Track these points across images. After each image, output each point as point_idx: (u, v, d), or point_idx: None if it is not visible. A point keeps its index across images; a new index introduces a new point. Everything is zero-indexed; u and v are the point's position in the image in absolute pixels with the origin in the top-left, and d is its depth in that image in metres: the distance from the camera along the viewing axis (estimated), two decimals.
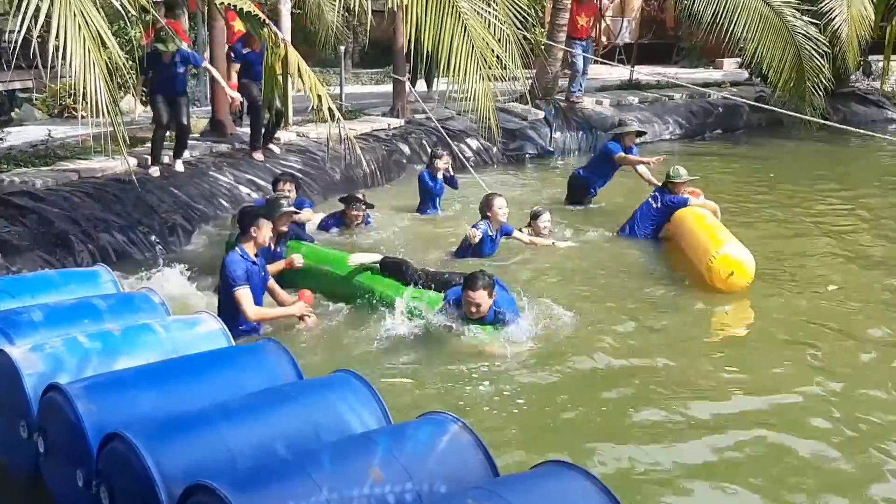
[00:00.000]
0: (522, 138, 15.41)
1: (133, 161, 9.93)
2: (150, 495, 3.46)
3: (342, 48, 15.50)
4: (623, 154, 10.90)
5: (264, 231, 6.70)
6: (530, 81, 15.18)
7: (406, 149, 13.76)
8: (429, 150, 12.48)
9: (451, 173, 10.93)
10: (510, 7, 9.23)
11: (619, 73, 20.16)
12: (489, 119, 8.76)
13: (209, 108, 13.11)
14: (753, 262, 7.97)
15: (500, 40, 8.80)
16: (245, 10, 8.49)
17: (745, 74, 20.13)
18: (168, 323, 4.96)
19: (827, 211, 11.35)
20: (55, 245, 8.20)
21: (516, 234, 8.99)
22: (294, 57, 8.10)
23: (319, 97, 7.87)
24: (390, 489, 3.41)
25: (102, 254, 8.45)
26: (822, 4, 15.28)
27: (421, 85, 16.73)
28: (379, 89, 18.53)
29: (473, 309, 6.43)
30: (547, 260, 8.84)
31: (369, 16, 11.54)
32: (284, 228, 7.76)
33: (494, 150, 14.72)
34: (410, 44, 12.80)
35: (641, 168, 11.08)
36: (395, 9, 8.58)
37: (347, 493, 3.33)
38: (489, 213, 8.77)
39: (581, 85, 16.85)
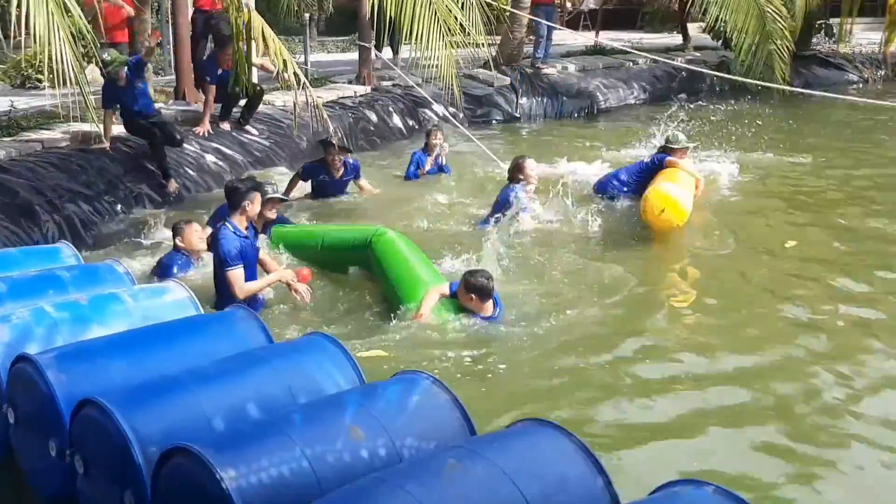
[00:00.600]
0: (489, 104, 15.44)
1: (87, 128, 9.78)
2: (126, 460, 3.48)
3: (306, 16, 15.42)
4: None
5: (256, 204, 6.59)
6: (495, 48, 15.23)
7: (373, 116, 13.73)
8: (394, 118, 12.47)
9: (444, 160, 10.82)
10: None
11: (583, 38, 20.18)
12: (453, 86, 8.81)
13: (173, 76, 13.01)
14: (687, 202, 8.15)
15: (462, 6, 8.83)
16: None
17: (709, 39, 20.22)
18: (135, 292, 4.96)
19: (789, 172, 11.51)
20: (20, 215, 8.16)
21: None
22: (258, 21, 8.09)
23: (285, 62, 7.88)
24: (368, 447, 3.45)
25: (69, 223, 8.43)
26: None
27: (387, 52, 16.69)
28: (345, 57, 18.44)
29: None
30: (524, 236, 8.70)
31: None
32: (272, 216, 7.63)
33: (461, 116, 14.75)
34: (374, 11, 12.79)
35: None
36: None
37: (324, 450, 3.38)
38: (522, 176, 8.71)
39: (546, 51, 16.88)
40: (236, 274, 6.32)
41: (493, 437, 3.58)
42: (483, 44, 9.81)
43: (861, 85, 19.82)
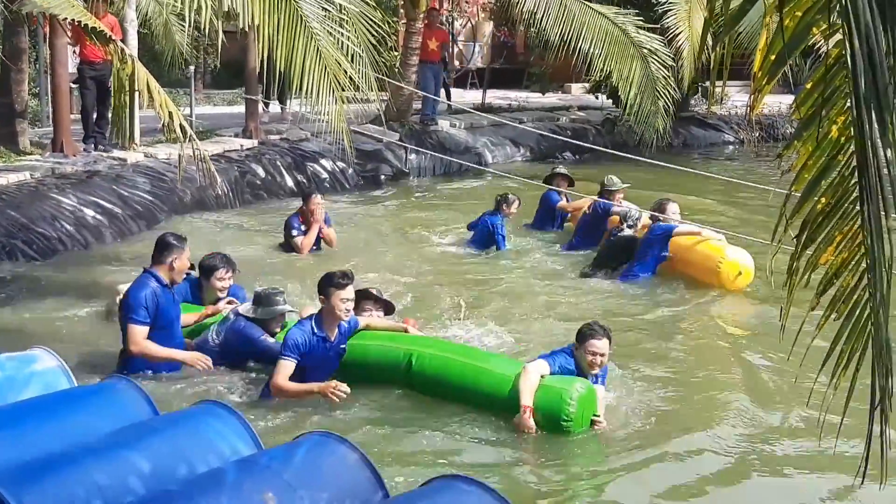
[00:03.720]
0: (378, 160, 15.44)
1: None
2: None
3: (192, 68, 15.20)
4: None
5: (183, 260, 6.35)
6: (385, 103, 15.28)
7: (260, 170, 13.56)
8: (282, 172, 12.31)
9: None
10: (362, 29, 9.25)
11: (472, 96, 20.47)
12: (343, 140, 8.75)
13: (51, 128, 12.61)
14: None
15: (353, 60, 8.81)
16: (90, 26, 8.21)
17: (593, 98, 20.77)
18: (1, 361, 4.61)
19: None
20: None
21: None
22: (143, 73, 7.88)
23: (170, 114, 7.67)
24: None
25: None
26: (667, 21, 15.80)
27: (275, 106, 16.55)
28: (231, 110, 18.23)
29: (600, 360, 5.78)
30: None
31: (220, 36, 11.32)
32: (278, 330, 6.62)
33: (350, 171, 14.70)
34: (263, 64, 12.67)
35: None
36: (247, 28, 8.43)
37: None
38: (505, 210, 10.25)
39: (434, 107, 17.04)
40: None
41: (415, 494, 3.53)
42: (373, 99, 9.80)
43: (737, 145, 20.60)
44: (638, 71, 13.61)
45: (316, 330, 5.92)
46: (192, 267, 6.74)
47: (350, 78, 8.68)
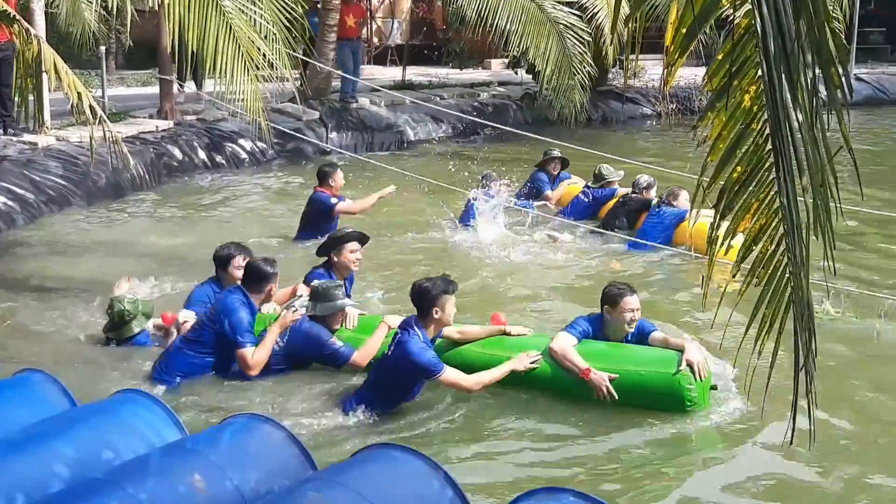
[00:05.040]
0: (298, 139, 15.24)
1: None
2: None
3: (103, 48, 14.78)
4: None
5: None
6: (302, 82, 15.10)
7: (177, 152, 13.29)
8: (199, 153, 12.12)
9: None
10: (277, 6, 9.09)
11: (391, 73, 20.34)
12: (260, 120, 8.62)
13: None
14: None
15: (266, 38, 8.66)
16: None
17: (513, 74, 20.81)
18: None
19: None
20: None
21: None
22: (49, 53, 7.63)
23: (79, 94, 7.44)
24: (213, 494, 3.34)
25: None
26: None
27: (190, 86, 16.22)
28: (146, 91, 17.83)
29: (636, 316, 5.82)
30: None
31: (129, 15, 11.03)
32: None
33: (270, 151, 14.50)
34: (175, 43, 12.40)
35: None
36: (157, 7, 8.22)
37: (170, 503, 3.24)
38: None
39: (354, 86, 16.89)
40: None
41: (346, 465, 3.54)
42: (289, 77, 9.66)
43: (655, 118, 20.83)
44: (554, 46, 13.69)
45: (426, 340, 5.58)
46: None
47: (264, 56, 8.54)
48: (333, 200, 9.24)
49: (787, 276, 3.09)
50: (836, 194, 2.98)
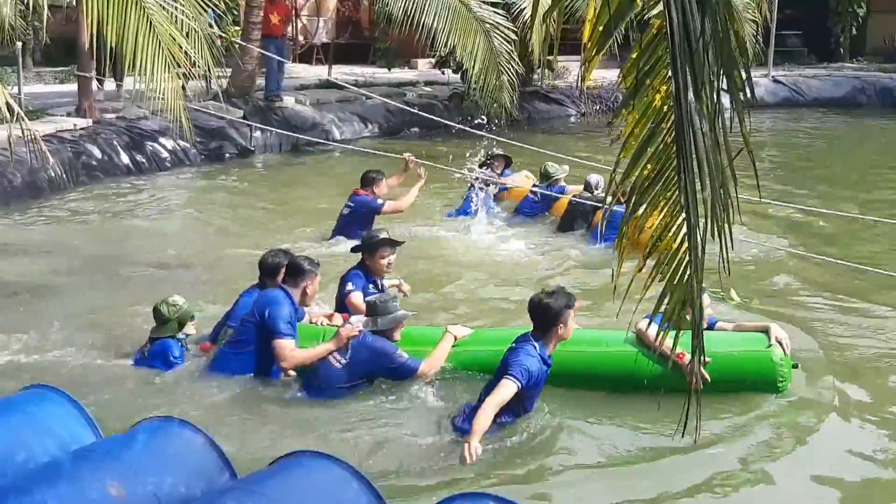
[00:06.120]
0: (221, 137, 15.07)
1: None
2: None
3: (19, 44, 14.41)
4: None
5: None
6: (226, 80, 14.93)
7: (95, 150, 13.02)
8: (119, 153, 11.92)
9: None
10: (199, 2, 8.97)
11: (316, 71, 20.20)
12: (181, 118, 8.50)
13: None
14: None
15: (188, 36, 8.54)
16: None
17: (440, 74, 20.84)
18: None
19: None
20: None
21: None
22: None
23: None
24: (131, 502, 3.28)
25: None
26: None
27: (110, 84, 15.91)
28: (64, 88, 17.42)
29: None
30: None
31: (45, 10, 10.76)
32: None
33: (192, 150, 14.30)
34: (93, 39, 12.17)
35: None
36: (75, 2, 8.04)
37: None
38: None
39: (279, 84, 16.74)
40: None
41: (265, 474, 3.51)
42: (212, 76, 9.54)
43: (579, 118, 21.05)
44: (481, 45, 13.72)
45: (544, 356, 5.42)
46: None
47: (186, 54, 8.42)
48: (380, 202, 9.44)
49: (688, 273, 3.16)
50: (734, 195, 3.05)
